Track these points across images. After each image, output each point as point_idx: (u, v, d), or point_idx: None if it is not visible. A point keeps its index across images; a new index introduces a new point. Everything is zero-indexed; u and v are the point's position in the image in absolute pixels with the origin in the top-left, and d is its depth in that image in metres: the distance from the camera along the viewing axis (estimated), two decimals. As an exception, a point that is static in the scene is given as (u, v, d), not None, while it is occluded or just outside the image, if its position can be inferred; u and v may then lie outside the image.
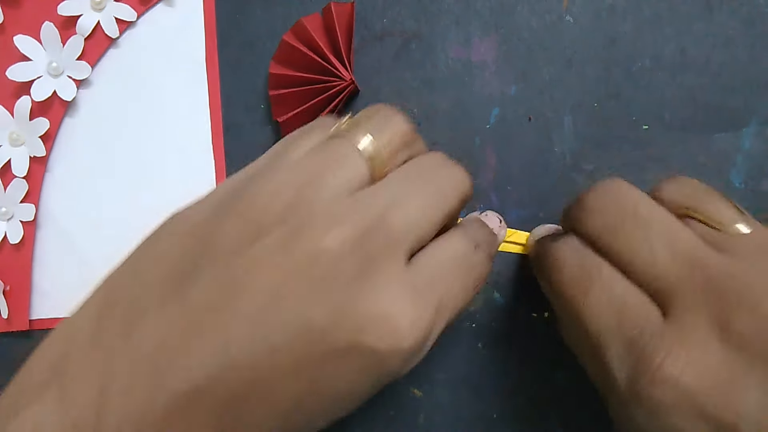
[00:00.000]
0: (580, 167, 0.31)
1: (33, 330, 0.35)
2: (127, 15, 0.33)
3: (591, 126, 0.31)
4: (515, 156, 0.31)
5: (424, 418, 0.33)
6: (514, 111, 0.31)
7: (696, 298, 0.21)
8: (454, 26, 0.32)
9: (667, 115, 0.31)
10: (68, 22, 0.33)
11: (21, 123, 0.33)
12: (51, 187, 0.34)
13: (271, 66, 0.32)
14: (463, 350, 0.32)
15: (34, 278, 0.35)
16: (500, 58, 0.31)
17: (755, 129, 0.30)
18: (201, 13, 0.34)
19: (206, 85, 0.34)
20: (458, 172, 0.23)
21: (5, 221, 0.34)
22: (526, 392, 0.32)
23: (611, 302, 0.22)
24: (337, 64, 0.30)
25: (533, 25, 0.31)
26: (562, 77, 0.31)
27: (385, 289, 0.19)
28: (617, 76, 0.31)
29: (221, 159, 0.34)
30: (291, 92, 0.31)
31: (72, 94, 0.33)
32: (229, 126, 0.34)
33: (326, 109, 0.31)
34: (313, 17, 0.31)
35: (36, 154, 0.33)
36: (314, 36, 0.30)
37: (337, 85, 0.30)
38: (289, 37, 0.31)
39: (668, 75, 0.31)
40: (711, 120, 0.30)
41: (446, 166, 0.23)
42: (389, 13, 0.32)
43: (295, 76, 0.31)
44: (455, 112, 0.32)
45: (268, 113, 0.33)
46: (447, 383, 0.30)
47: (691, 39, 0.30)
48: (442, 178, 0.23)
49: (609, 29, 0.31)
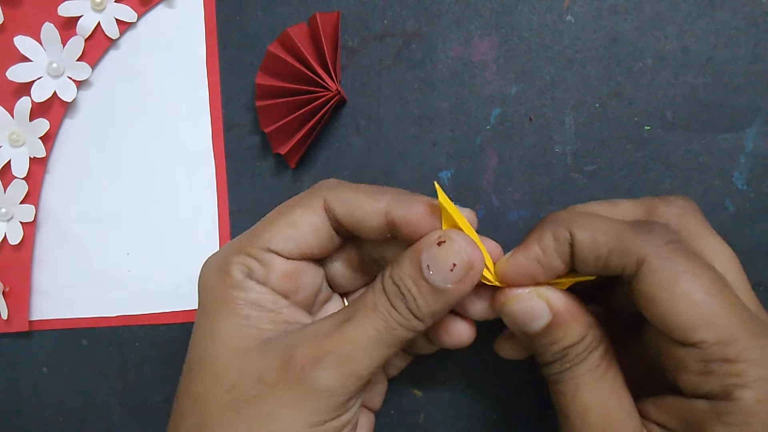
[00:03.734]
0: (581, 168, 0.31)
1: (33, 330, 0.35)
2: (127, 16, 0.33)
3: (592, 126, 0.31)
4: (516, 156, 0.31)
5: (424, 417, 0.32)
6: (515, 111, 0.31)
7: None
8: (454, 26, 0.32)
9: (669, 114, 0.30)
10: (68, 22, 0.33)
11: (21, 124, 0.33)
12: (51, 188, 0.35)
13: (258, 76, 0.32)
14: (463, 350, 0.32)
15: (34, 279, 0.35)
16: (501, 57, 0.31)
17: (758, 129, 0.30)
18: (201, 13, 0.33)
19: (206, 85, 0.34)
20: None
21: (5, 222, 0.34)
22: (525, 392, 0.32)
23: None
24: (323, 74, 0.30)
25: (534, 24, 0.31)
26: (563, 77, 0.31)
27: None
28: (619, 75, 0.31)
29: (221, 159, 0.34)
30: (277, 103, 0.31)
31: (72, 94, 0.33)
32: (229, 126, 0.33)
33: (313, 119, 0.30)
34: (300, 27, 0.31)
35: (36, 155, 0.33)
36: (300, 46, 0.30)
37: (323, 96, 0.30)
38: (275, 47, 0.31)
39: (670, 74, 0.30)
40: (713, 120, 0.30)
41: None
42: (389, 13, 0.32)
43: (282, 86, 0.31)
44: (455, 112, 0.32)
45: (268, 113, 0.33)
46: (447, 383, 0.30)
47: (693, 38, 0.30)
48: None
49: (610, 28, 0.31)
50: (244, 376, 0.24)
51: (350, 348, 0.24)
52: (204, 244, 0.34)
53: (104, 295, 0.34)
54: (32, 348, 0.35)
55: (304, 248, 0.26)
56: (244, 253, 0.25)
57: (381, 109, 0.32)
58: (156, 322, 0.34)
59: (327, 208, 0.26)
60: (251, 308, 0.25)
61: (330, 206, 0.26)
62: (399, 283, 0.24)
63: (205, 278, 0.26)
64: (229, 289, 0.25)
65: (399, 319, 0.24)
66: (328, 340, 0.24)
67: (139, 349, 0.35)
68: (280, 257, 0.26)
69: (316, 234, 0.26)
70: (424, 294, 0.24)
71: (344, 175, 0.33)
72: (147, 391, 0.35)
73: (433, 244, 0.24)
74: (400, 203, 0.25)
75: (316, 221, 0.26)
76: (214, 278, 0.26)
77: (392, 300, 0.24)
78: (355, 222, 0.26)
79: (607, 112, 0.31)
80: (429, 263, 0.24)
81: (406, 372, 0.31)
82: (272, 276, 0.26)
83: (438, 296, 0.24)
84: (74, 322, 0.35)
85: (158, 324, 0.34)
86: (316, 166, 0.33)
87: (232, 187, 0.34)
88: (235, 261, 0.25)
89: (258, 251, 0.25)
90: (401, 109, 0.32)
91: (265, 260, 0.25)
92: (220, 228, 0.34)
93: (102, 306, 0.34)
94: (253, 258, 0.25)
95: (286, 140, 0.32)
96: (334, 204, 0.26)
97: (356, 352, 0.24)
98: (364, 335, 0.24)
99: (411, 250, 0.24)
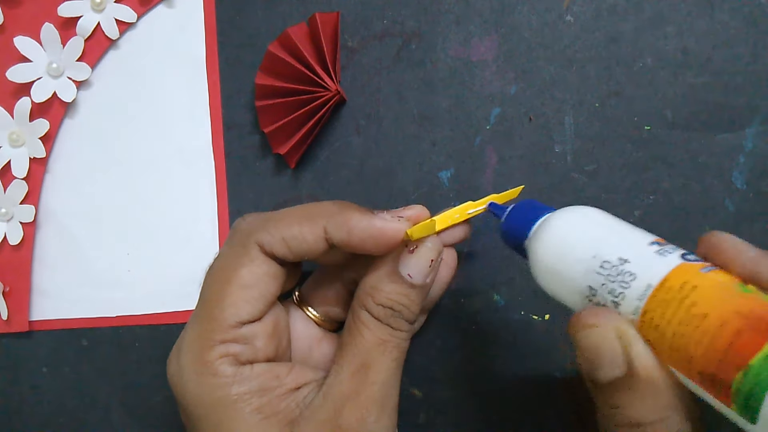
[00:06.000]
0: (581, 167, 0.31)
1: (33, 330, 0.35)
2: (127, 16, 0.33)
3: (592, 125, 0.31)
4: (516, 156, 0.31)
5: (424, 417, 0.32)
6: (515, 110, 0.31)
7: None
8: (454, 26, 0.32)
9: (669, 114, 0.30)
10: (68, 23, 0.33)
11: (21, 124, 0.33)
12: (51, 188, 0.35)
13: (258, 76, 0.32)
14: (463, 350, 0.32)
15: (34, 279, 0.35)
16: (500, 57, 0.31)
17: (757, 129, 0.30)
18: (201, 13, 0.33)
19: (206, 85, 0.34)
20: None
21: (5, 222, 0.34)
22: (526, 392, 0.32)
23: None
24: (322, 74, 0.30)
25: (534, 24, 0.31)
26: (562, 76, 0.31)
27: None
28: (618, 75, 0.31)
29: (221, 159, 0.34)
30: (277, 103, 0.31)
31: (72, 95, 0.33)
32: (229, 126, 0.33)
33: (312, 119, 0.30)
34: (300, 27, 0.31)
35: (36, 155, 0.33)
36: (300, 46, 0.30)
37: (322, 96, 0.30)
38: (275, 47, 0.31)
39: (670, 74, 0.30)
40: (713, 119, 0.30)
41: None
42: (389, 13, 0.32)
43: (281, 86, 0.31)
44: (455, 112, 0.32)
45: (268, 113, 0.33)
46: (447, 383, 0.30)
47: (693, 38, 0.30)
48: None
49: (610, 28, 0.31)
50: None
51: (381, 391, 0.24)
52: (204, 243, 0.34)
53: (104, 295, 0.34)
54: (32, 348, 0.35)
55: (269, 298, 0.25)
56: (217, 341, 0.23)
57: (381, 108, 0.32)
58: (156, 322, 0.34)
59: (266, 252, 0.25)
60: (259, 398, 0.23)
61: (268, 250, 0.25)
62: (388, 303, 0.24)
63: (185, 389, 0.24)
64: (225, 391, 0.23)
65: (402, 335, 0.25)
66: (359, 398, 0.24)
67: (139, 349, 0.35)
68: (255, 323, 0.24)
69: (275, 280, 0.25)
70: (413, 298, 0.25)
71: (344, 174, 0.33)
72: (147, 391, 0.35)
73: (405, 254, 0.24)
74: (339, 226, 0.24)
75: (267, 270, 0.25)
76: (198, 386, 0.23)
77: (390, 322, 0.24)
78: (300, 255, 0.25)
79: (607, 112, 0.31)
80: (409, 272, 0.24)
81: (406, 372, 0.31)
82: (259, 346, 0.24)
83: (423, 291, 0.25)
84: (74, 322, 0.35)
85: (158, 324, 0.34)
86: (315, 166, 0.33)
87: (232, 187, 0.34)
88: (213, 355, 0.23)
89: (231, 332, 0.24)
90: (401, 108, 0.32)
91: (246, 335, 0.24)
92: (220, 228, 0.34)
93: (102, 306, 0.34)
94: (231, 341, 0.24)
95: (286, 140, 0.32)
96: (272, 246, 0.24)
97: (387, 390, 0.24)
98: (387, 373, 0.24)
99: (383, 270, 0.25)
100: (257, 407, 0.23)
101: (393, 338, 0.25)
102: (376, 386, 0.24)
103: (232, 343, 0.24)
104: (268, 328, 0.25)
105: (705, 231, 0.30)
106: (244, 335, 0.24)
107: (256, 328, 0.24)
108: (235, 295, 0.24)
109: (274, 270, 0.25)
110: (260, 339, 0.24)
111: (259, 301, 0.24)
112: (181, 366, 0.24)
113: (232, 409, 0.23)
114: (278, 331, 0.26)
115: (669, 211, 0.30)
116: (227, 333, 0.24)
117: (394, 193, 0.32)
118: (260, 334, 0.25)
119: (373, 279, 0.25)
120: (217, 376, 0.23)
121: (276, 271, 0.25)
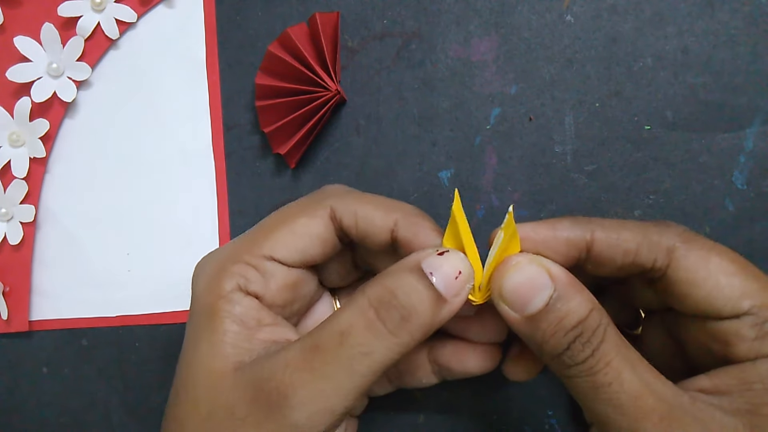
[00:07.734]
0: (581, 167, 0.31)
1: (33, 330, 0.35)
2: (127, 16, 0.33)
3: (592, 126, 0.31)
4: (516, 156, 0.31)
5: (424, 418, 0.32)
6: (515, 111, 0.31)
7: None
8: (454, 26, 0.32)
9: (669, 114, 0.30)
10: (68, 23, 0.33)
11: (21, 124, 0.33)
12: (51, 188, 0.35)
13: (258, 76, 0.32)
14: (463, 351, 0.32)
15: (34, 279, 0.35)
16: (500, 57, 0.31)
17: (758, 129, 0.30)
18: (201, 13, 0.33)
19: (206, 85, 0.34)
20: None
21: (5, 222, 0.34)
22: (526, 392, 0.32)
23: None
24: (322, 74, 0.30)
25: (533, 24, 0.31)
26: (563, 76, 0.31)
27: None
28: (618, 75, 0.31)
29: (221, 159, 0.34)
30: (277, 103, 0.31)
31: (72, 95, 0.33)
32: (229, 126, 0.33)
33: (312, 119, 0.30)
34: (300, 27, 0.31)
35: (36, 155, 0.33)
36: (300, 46, 0.30)
37: (322, 96, 0.30)
38: (275, 47, 0.31)
39: (670, 74, 0.30)
40: (713, 119, 0.30)
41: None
42: (389, 13, 0.32)
43: (282, 86, 0.31)
44: (455, 112, 0.32)
45: (268, 113, 0.33)
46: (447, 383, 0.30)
47: (693, 37, 0.30)
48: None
49: (610, 28, 0.31)
50: (217, 407, 0.23)
51: (322, 384, 0.22)
52: (204, 244, 0.34)
53: (104, 295, 0.34)
54: (32, 348, 0.35)
55: (308, 258, 0.25)
56: (242, 261, 0.24)
57: (381, 109, 0.32)
58: (156, 322, 0.34)
59: (333, 218, 0.25)
60: (233, 323, 0.24)
61: (337, 216, 0.25)
62: (394, 290, 0.22)
63: (196, 282, 0.25)
64: (215, 299, 0.24)
65: (387, 335, 0.22)
66: (297, 373, 0.22)
67: (139, 349, 0.35)
68: (282, 266, 0.25)
69: (322, 244, 0.25)
70: (424, 302, 0.22)
71: (344, 174, 0.33)
72: (147, 391, 0.35)
73: (432, 253, 0.23)
74: (409, 225, 0.25)
75: (322, 232, 0.25)
76: (205, 285, 0.25)
77: (383, 312, 0.22)
78: (361, 234, 0.25)
79: (607, 112, 0.31)
80: (432, 270, 0.22)
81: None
82: (271, 286, 0.25)
83: (439, 307, 0.22)
84: (74, 322, 0.35)
85: (158, 324, 0.34)
86: (315, 166, 0.33)
87: (232, 187, 0.34)
88: (230, 269, 0.24)
89: (258, 260, 0.24)
90: (401, 109, 0.32)
91: (267, 269, 0.25)
92: (220, 228, 0.34)
93: (102, 306, 0.35)
94: (252, 267, 0.24)
95: (286, 140, 0.32)
96: (343, 215, 0.25)
97: (328, 387, 0.21)
98: (338, 366, 0.22)
99: (406, 259, 0.23)
100: (225, 330, 0.24)
101: (369, 332, 0.22)
102: (317, 373, 0.22)
103: (252, 268, 0.24)
104: (289, 280, 0.25)
105: (705, 231, 0.30)
106: (268, 270, 0.25)
107: (281, 271, 0.25)
108: (282, 236, 0.25)
109: (330, 237, 0.26)
110: (277, 282, 0.25)
111: (297, 252, 0.25)
112: (205, 263, 0.25)
113: (209, 319, 0.24)
114: (296, 291, 0.26)
115: (669, 211, 0.30)
116: (253, 258, 0.24)
117: (394, 194, 0.32)
118: (281, 279, 0.25)
119: (395, 264, 0.23)
120: (218, 284, 0.24)
121: (332, 239, 0.26)
